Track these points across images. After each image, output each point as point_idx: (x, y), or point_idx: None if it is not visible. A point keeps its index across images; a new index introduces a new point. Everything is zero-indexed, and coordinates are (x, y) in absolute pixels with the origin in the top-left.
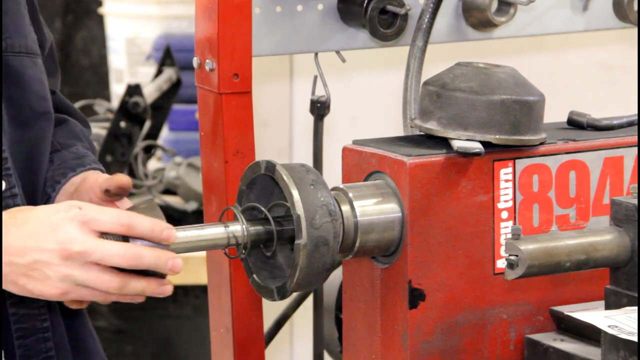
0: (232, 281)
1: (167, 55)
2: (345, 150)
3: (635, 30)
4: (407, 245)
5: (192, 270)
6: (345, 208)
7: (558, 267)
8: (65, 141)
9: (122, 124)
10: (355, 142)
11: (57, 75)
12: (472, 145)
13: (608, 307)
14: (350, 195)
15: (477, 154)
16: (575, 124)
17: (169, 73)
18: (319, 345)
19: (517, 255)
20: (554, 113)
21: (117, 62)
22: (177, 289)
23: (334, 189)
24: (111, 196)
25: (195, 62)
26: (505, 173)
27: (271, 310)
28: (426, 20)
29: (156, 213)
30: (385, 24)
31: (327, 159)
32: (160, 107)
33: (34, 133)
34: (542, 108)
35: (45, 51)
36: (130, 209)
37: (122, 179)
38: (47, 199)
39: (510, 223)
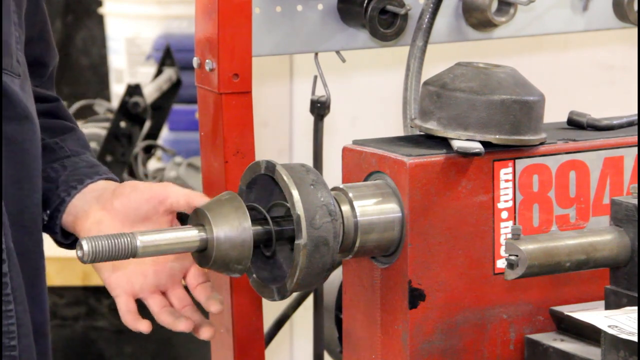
0: (232, 281)
1: (167, 55)
2: (345, 150)
3: (635, 30)
4: (407, 245)
5: None
6: (345, 208)
7: (558, 267)
8: (75, 148)
9: (122, 124)
10: (355, 142)
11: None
12: (472, 145)
13: (608, 307)
14: (350, 195)
15: (477, 154)
16: (575, 124)
17: (169, 73)
18: (319, 345)
19: (517, 255)
20: (554, 113)
21: (117, 62)
22: None
23: (334, 189)
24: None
25: (195, 62)
26: (505, 173)
27: (271, 310)
28: (426, 20)
29: (238, 204)
30: (385, 24)
31: (327, 159)
32: (160, 107)
33: (18, 131)
34: (542, 108)
35: (49, 70)
36: (213, 201)
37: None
38: (61, 202)
39: (510, 223)
